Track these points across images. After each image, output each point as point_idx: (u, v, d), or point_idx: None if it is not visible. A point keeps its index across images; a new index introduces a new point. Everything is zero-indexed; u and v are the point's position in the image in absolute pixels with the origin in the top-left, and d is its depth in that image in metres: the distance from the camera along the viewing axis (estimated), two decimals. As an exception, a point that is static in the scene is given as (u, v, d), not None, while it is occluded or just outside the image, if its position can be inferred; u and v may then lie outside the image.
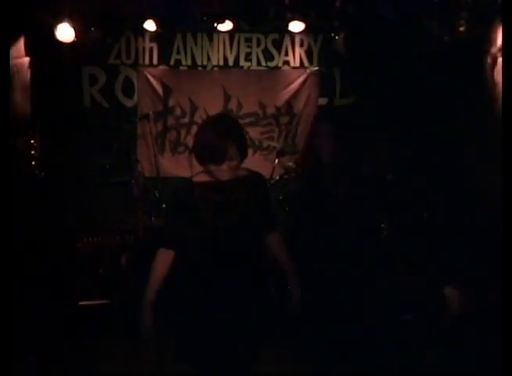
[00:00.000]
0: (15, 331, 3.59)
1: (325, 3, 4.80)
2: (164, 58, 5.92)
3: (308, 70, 6.00)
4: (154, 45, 5.89)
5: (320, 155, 2.65)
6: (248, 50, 5.97)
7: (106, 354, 4.21)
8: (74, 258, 4.84)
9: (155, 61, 5.92)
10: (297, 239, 2.70)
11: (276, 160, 5.39)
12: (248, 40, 5.95)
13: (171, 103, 5.96)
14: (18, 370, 3.75)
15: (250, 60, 5.99)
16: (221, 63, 5.97)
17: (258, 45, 5.96)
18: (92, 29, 5.12)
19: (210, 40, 5.92)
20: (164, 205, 5.12)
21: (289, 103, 6.02)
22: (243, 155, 2.53)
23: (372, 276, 2.77)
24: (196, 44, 5.93)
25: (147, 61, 5.90)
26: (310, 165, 2.78)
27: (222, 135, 2.46)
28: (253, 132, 6.04)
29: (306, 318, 2.65)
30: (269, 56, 5.98)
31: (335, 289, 2.66)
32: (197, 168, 2.66)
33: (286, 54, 5.99)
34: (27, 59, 4.46)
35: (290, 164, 5.46)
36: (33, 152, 4.87)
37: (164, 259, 2.60)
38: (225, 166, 2.49)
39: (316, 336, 2.66)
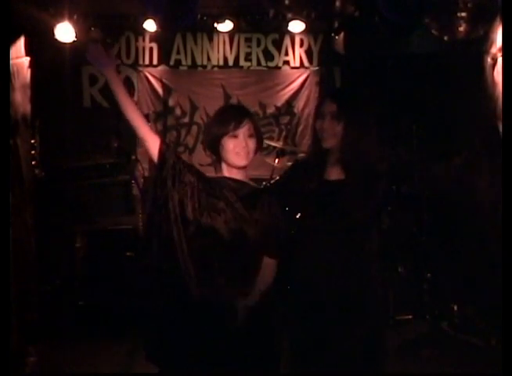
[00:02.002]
0: (14, 331, 3.60)
1: (325, 3, 4.79)
2: (164, 58, 5.92)
3: (308, 70, 6.00)
4: (154, 45, 5.89)
5: (321, 139, 2.62)
6: (248, 50, 5.97)
7: (106, 354, 4.22)
8: (74, 257, 4.84)
9: (155, 61, 5.92)
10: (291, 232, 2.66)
11: (276, 160, 5.39)
12: (248, 40, 5.95)
13: (171, 103, 5.96)
14: (17, 369, 3.75)
15: (250, 60, 5.99)
16: (221, 63, 5.97)
17: (258, 45, 5.96)
18: (92, 29, 5.11)
19: (210, 40, 5.92)
20: None
21: (289, 103, 6.02)
22: (257, 145, 2.55)
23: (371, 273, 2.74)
24: (196, 44, 5.93)
25: (147, 61, 5.90)
26: (311, 150, 2.75)
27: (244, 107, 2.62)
28: (253, 132, 6.03)
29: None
30: (269, 56, 5.98)
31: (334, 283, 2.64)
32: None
33: (286, 54, 5.99)
34: (27, 59, 4.45)
35: (290, 164, 5.46)
36: (33, 152, 4.87)
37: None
38: (241, 137, 2.46)
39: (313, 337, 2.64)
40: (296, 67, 6.02)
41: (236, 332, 2.42)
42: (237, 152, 2.47)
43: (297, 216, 2.69)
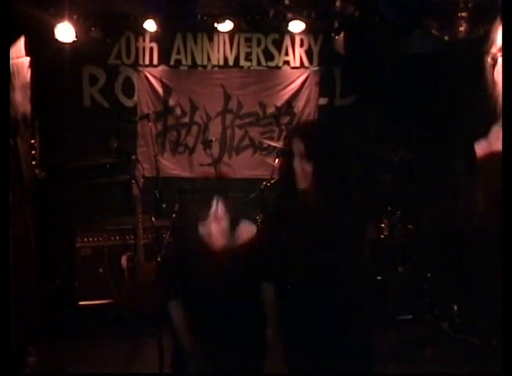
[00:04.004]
0: (14, 331, 3.60)
1: (325, 3, 4.79)
2: (164, 58, 5.91)
3: (308, 70, 6.00)
4: (154, 45, 5.89)
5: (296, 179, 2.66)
6: (248, 50, 5.96)
7: (106, 354, 4.22)
8: (74, 258, 4.84)
9: (155, 61, 5.91)
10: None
11: (276, 160, 5.39)
12: (248, 40, 5.95)
13: (171, 103, 5.96)
14: (17, 369, 3.75)
15: (250, 60, 5.99)
16: (221, 62, 5.97)
17: (258, 44, 5.96)
18: (92, 29, 5.11)
19: (210, 40, 5.91)
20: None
21: (289, 103, 6.02)
22: (235, 222, 2.78)
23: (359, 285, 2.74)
24: (196, 44, 5.93)
25: (147, 61, 5.89)
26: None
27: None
28: (253, 132, 6.04)
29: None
30: (269, 56, 5.98)
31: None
32: (197, 168, 2.72)
33: (286, 54, 5.99)
34: (27, 59, 4.45)
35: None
36: (33, 152, 4.87)
37: (179, 310, 2.83)
38: (215, 232, 2.75)
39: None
40: (296, 67, 6.01)
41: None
42: (209, 235, 2.78)
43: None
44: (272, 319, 2.81)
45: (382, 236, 4.90)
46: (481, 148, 2.77)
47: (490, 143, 2.90)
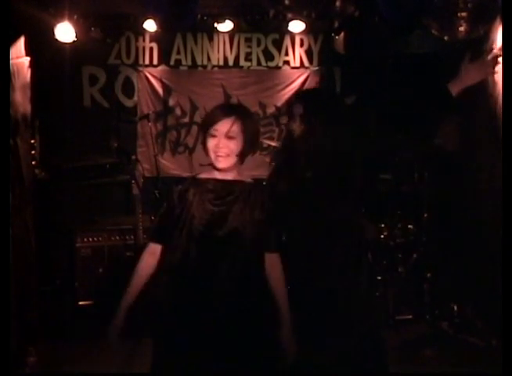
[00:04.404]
0: (14, 331, 3.60)
1: (325, 3, 4.79)
2: (164, 58, 5.92)
3: (308, 70, 6.00)
4: (154, 45, 5.89)
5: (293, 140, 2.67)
6: (248, 50, 5.97)
7: (106, 354, 4.21)
8: (74, 258, 4.84)
9: (155, 61, 5.92)
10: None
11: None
12: (248, 40, 5.95)
13: (171, 103, 5.96)
14: (17, 369, 3.75)
15: (250, 60, 5.99)
16: (221, 62, 5.97)
17: (258, 44, 5.96)
18: (92, 29, 5.12)
19: (210, 40, 5.92)
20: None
21: (289, 103, 6.01)
22: (242, 148, 2.46)
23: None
24: (196, 44, 5.93)
25: (147, 61, 5.90)
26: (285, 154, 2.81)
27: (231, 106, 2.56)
28: (253, 132, 6.03)
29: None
30: (269, 56, 5.98)
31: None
32: (197, 168, 2.66)
33: (286, 54, 5.99)
34: (27, 59, 4.45)
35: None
36: (33, 152, 4.87)
37: (150, 253, 2.52)
38: (218, 136, 2.40)
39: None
40: (296, 67, 6.02)
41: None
42: (215, 152, 2.44)
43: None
44: (281, 300, 2.46)
45: (382, 236, 4.90)
46: (454, 86, 2.82)
47: (462, 80, 2.95)
